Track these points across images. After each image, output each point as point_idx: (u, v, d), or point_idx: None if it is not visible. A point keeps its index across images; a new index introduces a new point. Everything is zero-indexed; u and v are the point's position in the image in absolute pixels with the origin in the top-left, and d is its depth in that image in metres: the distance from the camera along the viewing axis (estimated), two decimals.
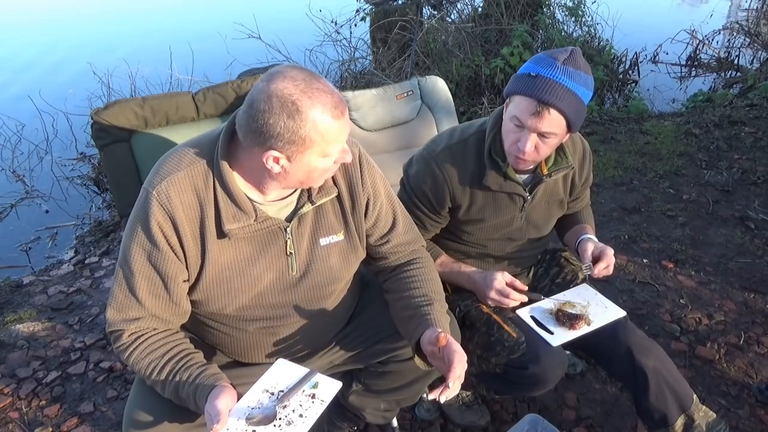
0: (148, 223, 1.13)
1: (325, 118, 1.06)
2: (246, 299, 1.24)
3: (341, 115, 1.08)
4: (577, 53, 1.37)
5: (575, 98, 1.35)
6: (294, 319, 1.32)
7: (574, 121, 1.37)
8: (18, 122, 4.77)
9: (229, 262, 1.20)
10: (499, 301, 1.55)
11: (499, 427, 1.89)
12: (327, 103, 1.06)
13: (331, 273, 1.31)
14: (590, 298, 1.61)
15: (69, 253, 3.26)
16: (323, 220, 1.28)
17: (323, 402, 1.17)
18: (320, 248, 1.28)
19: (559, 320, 1.53)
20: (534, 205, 1.60)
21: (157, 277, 1.16)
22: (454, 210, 1.59)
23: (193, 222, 1.15)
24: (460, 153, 1.54)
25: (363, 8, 5.72)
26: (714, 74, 6.18)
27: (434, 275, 1.43)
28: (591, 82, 1.38)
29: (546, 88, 1.32)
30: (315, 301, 1.33)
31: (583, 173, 1.66)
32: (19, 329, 2.46)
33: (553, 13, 6.04)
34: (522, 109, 1.36)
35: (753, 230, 3.01)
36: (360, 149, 1.32)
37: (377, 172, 1.36)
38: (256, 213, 1.17)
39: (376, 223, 1.35)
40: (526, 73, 1.37)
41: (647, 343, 1.54)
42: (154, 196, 1.12)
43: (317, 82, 1.06)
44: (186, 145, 1.20)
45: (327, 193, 1.25)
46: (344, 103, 1.10)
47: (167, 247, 1.14)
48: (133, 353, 1.18)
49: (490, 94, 5.07)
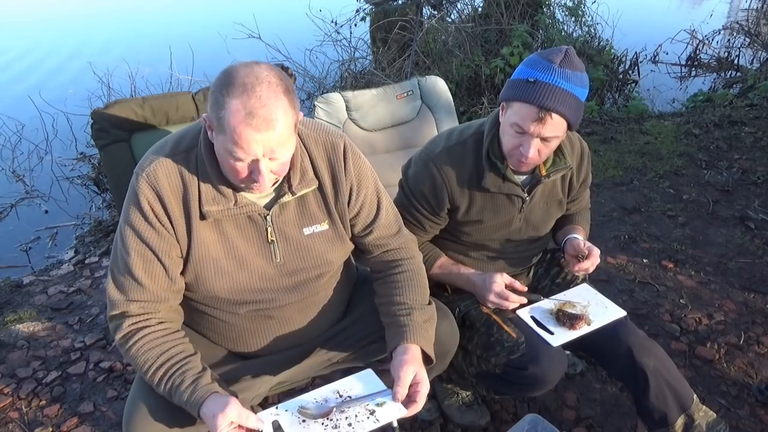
0: (139, 203, 1.19)
1: (237, 114, 1.06)
2: (235, 281, 1.26)
3: (256, 126, 1.06)
4: (571, 53, 1.36)
5: (575, 99, 1.35)
6: (283, 305, 1.34)
7: (574, 122, 1.38)
8: (18, 122, 4.77)
9: (215, 242, 1.24)
10: (499, 304, 1.55)
11: (499, 427, 1.89)
12: (248, 106, 1.05)
13: (316, 261, 1.33)
14: (590, 298, 1.61)
15: (69, 253, 3.26)
16: (306, 210, 1.30)
17: (377, 422, 1.17)
18: (304, 237, 1.31)
19: (560, 320, 1.52)
20: (532, 205, 1.60)
21: (151, 254, 1.20)
22: (453, 211, 1.59)
23: (179, 202, 1.20)
24: (459, 154, 1.54)
25: (363, 8, 5.72)
26: (714, 74, 6.18)
27: (419, 279, 1.41)
28: (586, 80, 1.39)
29: (547, 93, 1.32)
30: (302, 288, 1.34)
31: (581, 174, 1.65)
32: (19, 329, 2.46)
33: (553, 13, 6.04)
34: (523, 116, 1.36)
35: (753, 230, 3.01)
36: (346, 140, 1.35)
37: (364, 164, 1.37)
38: (235, 197, 1.21)
39: (360, 212, 1.36)
40: (524, 79, 1.36)
41: (647, 343, 1.54)
42: (143, 178, 1.19)
43: (261, 87, 1.06)
44: (174, 135, 1.26)
45: (307, 184, 1.27)
46: (266, 123, 1.06)
47: (158, 224, 1.19)
48: (132, 348, 1.20)
49: (490, 94, 5.07)
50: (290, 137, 1.13)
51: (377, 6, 5.66)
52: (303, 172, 1.27)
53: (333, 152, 1.32)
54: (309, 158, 1.29)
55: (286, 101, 1.10)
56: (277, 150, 1.11)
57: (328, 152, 1.31)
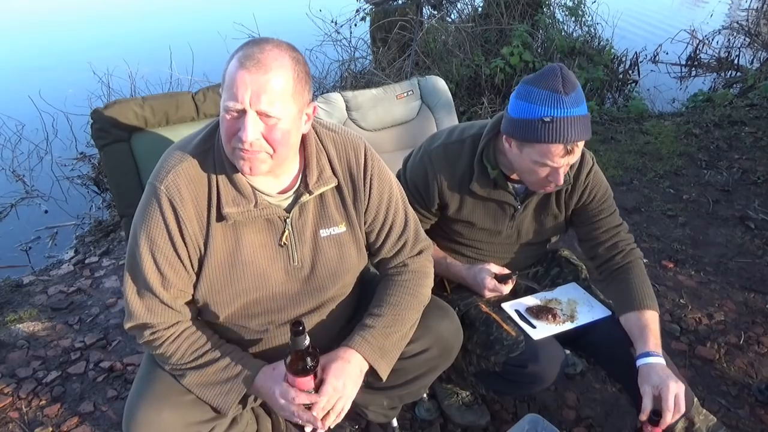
0: (156, 215, 1.15)
1: (236, 61, 1.06)
2: (248, 291, 1.23)
3: (248, 68, 1.04)
4: (565, 72, 1.32)
5: (587, 117, 1.34)
6: (295, 315, 1.32)
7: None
8: (18, 122, 4.77)
9: (231, 249, 1.20)
10: (495, 294, 1.60)
11: (499, 427, 1.89)
12: (247, 52, 1.05)
13: (333, 265, 1.30)
14: (578, 297, 1.64)
15: (69, 253, 3.26)
16: (325, 211, 1.27)
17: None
18: (321, 240, 1.28)
19: (543, 315, 1.56)
20: (525, 215, 1.59)
21: (167, 269, 1.18)
22: (443, 208, 1.59)
23: (200, 211, 1.17)
24: (455, 153, 1.52)
25: (363, 8, 5.72)
26: (714, 74, 6.18)
27: (406, 298, 1.35)
28: (580, 87, 1.37)
29: (567, 128, 1.29)
30: (317, 295, 1.32)
31: (580, 187, 1.56)
32: (19, 329, 2.46)
33: (553, 13, 6.05)
34: (551, 155, 1.33)
35: (753, 230, 3.01)
36: (366, 144, 1.33)
37: (386, 170, 1.35)
38: (256, 199, 1.18)
39: (375, 218, 1.34)
40: (537, 119, 1.31)
41: None
42: (162, 191, 1.15)
43: (269, 43, 1.07)
44: (186, 139, 1.23)
45: (325, 182, 1.24)
46: (258, 66, 1.04)
47: (173, 238, 1.16)
48: (167, 342, 1.21)
49: (490, 94, 5.07)
50: (285, 98, 1.07)
51: (377, 6, 5.66)
52: (321, 169, 1.24)
53: (352, 153, 1.29)
54: (327, 157, 1.27)
55: (289, 61, 1.08)
56: (264, 100, 1.04)
57: (347, 153, 1.29)
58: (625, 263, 1.58)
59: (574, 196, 1.58)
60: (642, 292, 1.51)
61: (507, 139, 1.41)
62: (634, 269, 1.56)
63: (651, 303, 1.49)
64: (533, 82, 1.34)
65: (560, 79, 1.30)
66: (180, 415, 1.22)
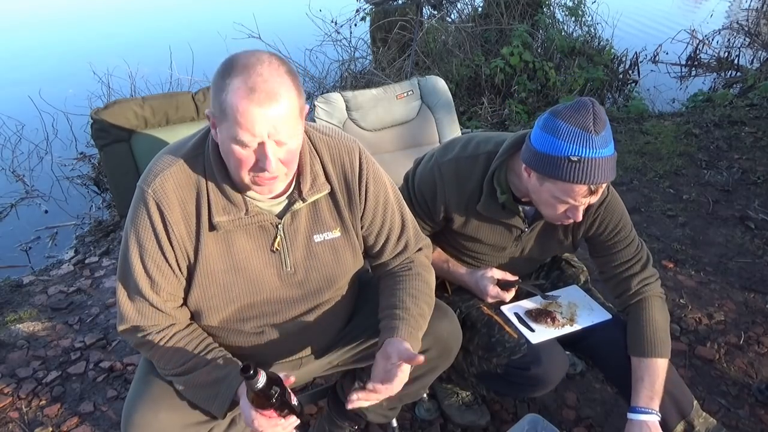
0: (144, 220, 1.15)
1: (239, 91, 1.01)
2: (242, 297, 1.23)
3: (259, 102, 1.01)
4: (598, 109, 1.25)
5: (614, 157, 1.28)
6: (291, 318, 1.31)
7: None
8: (18, 122, 4.77)
9: (222, 255, 1.19)
10: (497, 300, 1.59)
11: (499, 427, 1.89)
12: (249, 82, 1.01)
13: (328, 270, 1.29)
14: (578, 300, 1.63)
15: (69, 253, 3.26)
16: (318, 217, 1.26)
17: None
18: (314, 245, 1.27)
19: (542, 319, 1.55)
20: (531, 236, 1.57)
21: (156, 273, 1.17)
22: (448, 221, 1.56)
23: (188, 216, 1.16)
24: (466, 170, 1.48)
25: (363, 8, 5.73)
26: (714, 74, 6.18)
27: (422, 288, 1.35)
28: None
29: (595, 170, 1.23)
30: (312, 299, 1.31)
31: (588, 221, 1.51)
32: (19, 329, 2.46)
33: (553, 13, 6.05)
34: (574, 194, 1.29)
35: (753, 230, 3.01)
36: (360, 146, 1.31)
37: (381, 173, 1.33)
38: (246, 206, 1.17)
39: (373, 221, 1.33)
40: (564, 156, 1.24)
41: None
42: (150, 194, 1.14)
43: (263, 66, 1.03)
44: (177, 143, 1.22)
45: (318, 189, 1.23)
46: (269, 97, 1.01)
47: (165, 239, 1.16)
48: (157, 345, 1.20)
49: (490, 94, 5.08)
50: (296, 120, 1.07)
51: (377, 6, 5.67)
52: (314, 177, 1.22)
53: (347, 158, 1.27)
54: (320, 163, 1.25)
55: (289, 80, 1.05)
56: (282, 130, 1.04)
57: (341, 157, 1.27)
58: (634, 302, 1.52)
59: (582, 227, 1.53)
60: (646, 338, 1.45)
61: (527, 169, 1.35)
62: (645, 310, 1.49)
63: (654, 350, 1.44)
64: (562, 116, 1.26)
65: (592, 117, 1.23)
66: (177, 416, 1.22)
